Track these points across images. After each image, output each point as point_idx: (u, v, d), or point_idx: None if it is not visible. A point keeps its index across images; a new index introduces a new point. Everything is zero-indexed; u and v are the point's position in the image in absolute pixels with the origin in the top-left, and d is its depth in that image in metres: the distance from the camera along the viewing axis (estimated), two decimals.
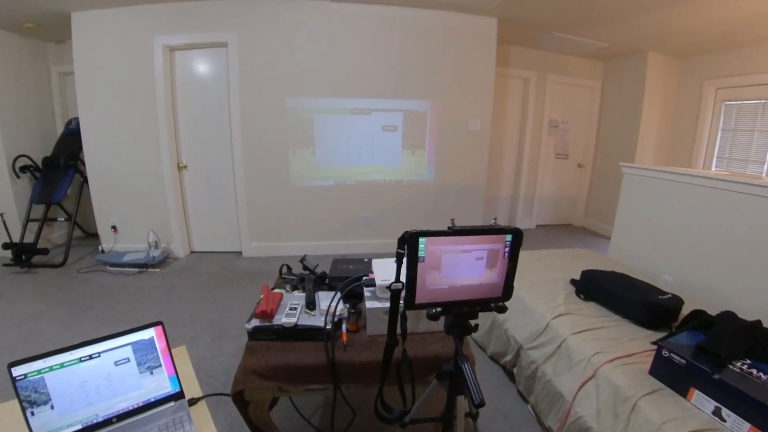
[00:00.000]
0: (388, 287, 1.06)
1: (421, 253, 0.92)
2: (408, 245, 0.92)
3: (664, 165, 4.52)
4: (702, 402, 1.31)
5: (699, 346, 1.41)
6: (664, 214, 2.77)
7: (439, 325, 1.06)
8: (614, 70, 5.18)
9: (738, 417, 1.21)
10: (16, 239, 3.69)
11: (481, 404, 0.86)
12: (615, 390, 1.45)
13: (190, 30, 3.60)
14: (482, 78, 4.06)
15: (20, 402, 0.89)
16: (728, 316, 1.65)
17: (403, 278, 0.99)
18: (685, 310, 1.85)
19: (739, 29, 3.67)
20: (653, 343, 1.64)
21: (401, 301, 1.03)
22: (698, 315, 1.73)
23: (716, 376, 1.28)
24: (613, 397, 1.45)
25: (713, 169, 4.57)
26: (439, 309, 0.99)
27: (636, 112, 4.80)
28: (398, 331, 1.15)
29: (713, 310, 1.77)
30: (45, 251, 3.69)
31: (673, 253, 2.69)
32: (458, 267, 0.96)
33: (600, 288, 2.07)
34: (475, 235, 0.95)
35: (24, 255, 3.59)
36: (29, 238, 3.74)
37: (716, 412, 1.26)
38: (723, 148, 4.56)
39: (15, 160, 3.86)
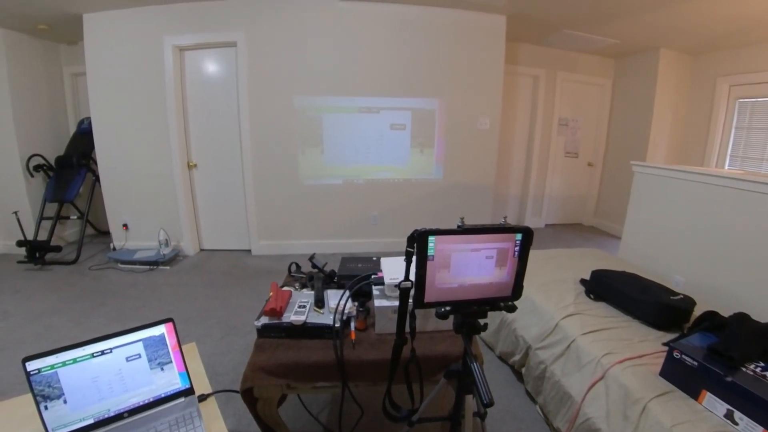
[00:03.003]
0: (397, 286, 1.06)
1: (430, 252, 0.92)
2: (417, 244, 0.91)
3: (676, 164, 4.45)
4: (714, 405, 1.29)
5: (711, 348, 1.39)
6: (676, 213, 2.73)
7: (448, 323, 1.06)
8: (625, 67, 5.11)
9: (750, 420, 1.19)
10: (30, 237, 3.75)
11: (490, 404, 0.86)
12: (625, 391, 1.44)
13: (200, 30, 3.63)
14: (491, 76, 4.03)
15: (34, 396, 0.91)
16: (741, 318, 1.62)
17: (412, 277, 0.98)
18: (697, 311, 1.83)
19: (753, 25, 3.60)
20: (664, 344, 1.62)
21: (410, 300, 1.03)
22: (710, 316, 1.70)
23: (729, 379, 1.26)
24: (623, 399, 1.43)
25: (726, 167, 4.50)
26: (448, 308, 0.99)
27: (647, 109, 4.73)
28: (407, 329, 1.15)
29: (726, 312, 1.74)
30: (58, 249, 3.75)
31: (684, 254, 2.65)
32: (468, 266, 0.96)
33: (610, 288, 2.05)
34: (484, 233, 0.95)
35: (38, 252, 3.66)
36: (43, 236, 3.81)
37: (728, 415, 1.24)
38: (737, 146, 4.48)
39: (29, 159, 3.92)
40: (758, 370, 1.30)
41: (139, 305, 2.98)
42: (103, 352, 0.99)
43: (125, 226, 4.06)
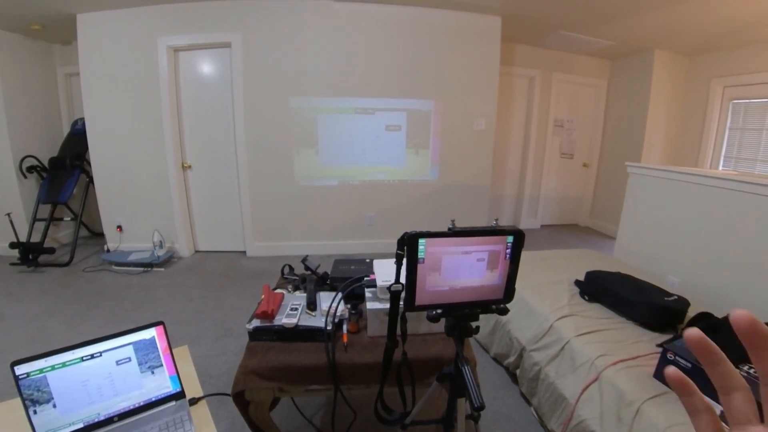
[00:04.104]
0: (388, 288, 1.05)
1: (420, 255, 0.91)
2: (407, 246, 0.91)
3: (671, 164, 4.48)
4: None
5: None
6: (671, 214, 2.74)
7: (440, 326, 1.06)
8: (620, 69, 5.13)
9: None
10: (23, 239, 3.72)
11: (481, 408, 0.86)
12: (619, 393, 1.44)
13: (194, 31, 3.61)
14: (487, 77, 4.04)
15: (23, 400, 0.90)
16: None
17: (403, 279, 0.98)
18: (691, 313, 1.83)
19: (747, 27, 3.62)
20: (658, 345, 1.63)
21: (401, 303, 1.02)
22: (705, 317, 1.71)
23: None
24: (616, 401, 1.43)
25: (720, 168, 4.52)
26: (439, 311, 0.98)
27: (642, 110, 4.76)
28: (398, 332, 1.15)
29: (720, 313, 1.75)
30: (51, 250, 3.73)
31: (679, 254, 2.66)
32: (459, 268, 0.95)
33: (605, 289, 2.05)
34: (475, 236, 0.94)
35: (31, 254, 3.63)
36: (36, 238, 3.78)
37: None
38: (731, 147, 4.51)
39: (22, 160, 3.90)
40: (752, 371, 1.30)
41: (134, 307, 2.96)
42: (92, 356, 0.98)
43: (119, 227, 4.04)
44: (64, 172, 3.94)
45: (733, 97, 4.40)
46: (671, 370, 0.27)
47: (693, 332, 0.26)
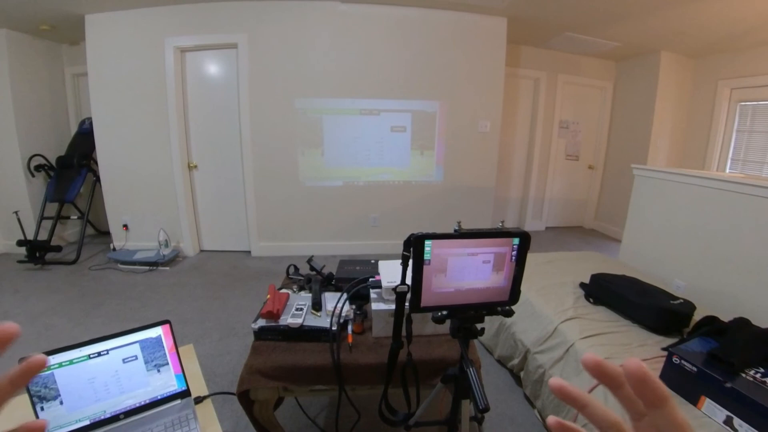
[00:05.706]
0: (394, 289, 1.05)
1: (426, 256, 0.92)
2: (414, 248, 0.91)
3: (677, 167, 4.44)
4: (713, 411, 1.28)
5: (711, 353, 1.38)
6: (677, 217, 2.72)
7: (445, 328, 1.06)
8: (626, 70, 5.11)
9: (750, 427, 1.18)
10: (30, 236, 3.76)
11: (486, 409, 0.86)
12: None
13: (201, 31, 3.63)
14: (492, 78, 4.03)
15: (30, 397, 0.91)
16: (742, 323, 1.61)
17: (408, 281, 0.98)
18: (697, 316, 1.82)
19: (754, 28, 3.59)
20: (664, 349, 1.62)
21: (407, 304, 1.03)
22: (710, 321, 1.70)
23: (728, 385, 1.25)
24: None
25: (727, 171, 4.49)
26: (444, 312, 0.99)
27: (648, 112, 4.73)
28: (404, 333, 1.15)
29: (726, 317, 1.74)
30: (58, 249, 3.76)
31: (685, 257, 2.65)
32: (464, 270, 0.95)
33: (610, 292, 2.04)
34: (481, 238, 0.94)
35: (38, 252, 3.66)
36: (43, 236, 3.81)
37: (728, 422, 1.24)
38: (738, 149, 4.47)
39: (30, 159, 3.93)
40: (758, 376, 1.29)
41: (139, 306, 2.98)
42: (99, 354, 0.99)
43: (125, 226, 4.06)
44: (72, 171, 3.98)
45: (740, 99, 4.36)
46: (552, 421, 0.29)
47: (555, 381, 0.27)
